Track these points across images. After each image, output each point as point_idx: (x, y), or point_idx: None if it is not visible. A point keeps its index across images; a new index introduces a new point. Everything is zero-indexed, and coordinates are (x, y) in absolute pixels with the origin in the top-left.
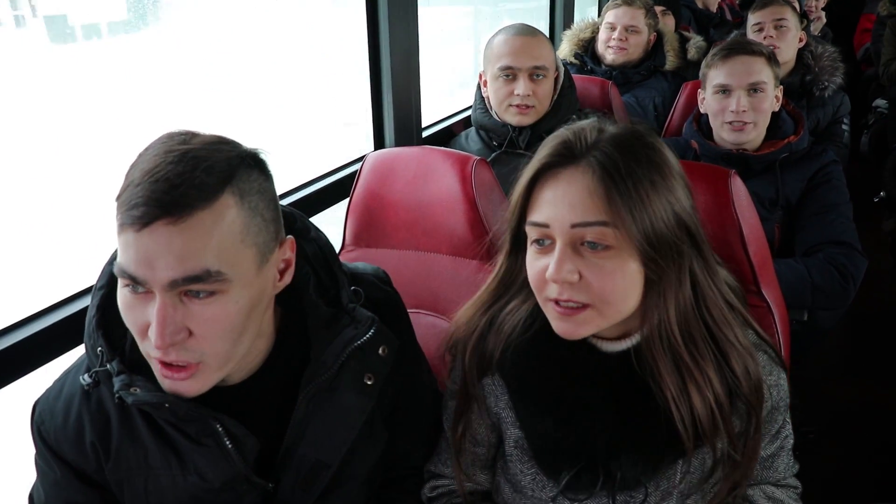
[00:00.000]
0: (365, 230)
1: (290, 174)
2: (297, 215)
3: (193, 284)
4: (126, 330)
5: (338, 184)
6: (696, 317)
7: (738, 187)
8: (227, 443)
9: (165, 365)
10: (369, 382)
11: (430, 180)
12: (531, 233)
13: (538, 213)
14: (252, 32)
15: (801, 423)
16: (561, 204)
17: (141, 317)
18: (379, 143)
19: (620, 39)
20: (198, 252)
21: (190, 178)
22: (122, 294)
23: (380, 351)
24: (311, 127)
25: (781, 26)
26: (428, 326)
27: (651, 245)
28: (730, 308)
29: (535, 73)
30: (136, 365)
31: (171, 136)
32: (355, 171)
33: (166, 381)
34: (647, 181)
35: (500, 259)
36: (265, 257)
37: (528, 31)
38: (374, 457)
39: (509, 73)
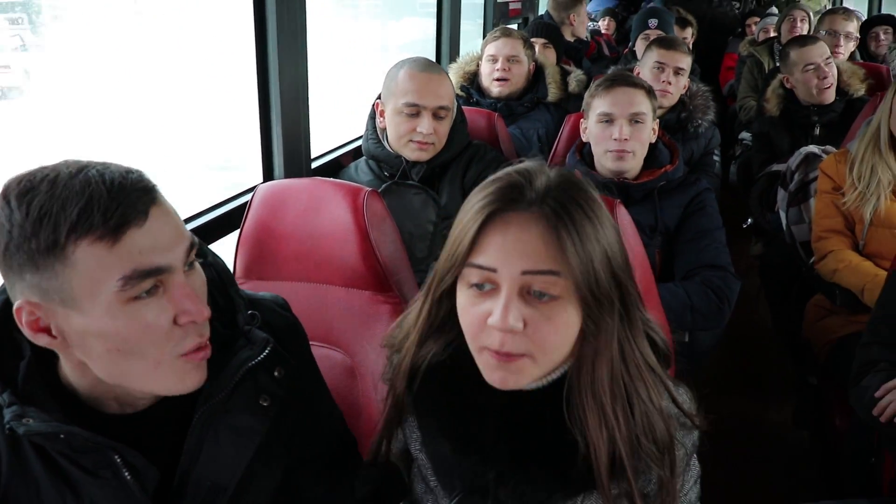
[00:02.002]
0: (256, 262)
1: None
2: (196, 241)
3: (194, 249)
4: (18, 360)
5: (227, 216)
6: (620, 368)
7: (624, 216)
8: (126, 474)
9: (195, 352)
10: (265, 404)
11: (322, 212)
12: (471, 275)
13: (484, 257)
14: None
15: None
16: (512, 250)
17: (166, 316)
18: (268, 174)
19: (503, 70)
20: (181, 222)
21: (129, 172)
22: (135, 310)
23: (275, 373)
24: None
25: (680, 73)
26: (322, 358)
27: (594, 297)
28: (647, 367)
29: (438, 113)
30: (29, 397)
31: (35, 172)
32: (245, 203)
33: (191, 374)
34: (591, 231)
35: (428, 296)
36: None
37: (433, 69)
38: (271, 486)
39: (413, 111)
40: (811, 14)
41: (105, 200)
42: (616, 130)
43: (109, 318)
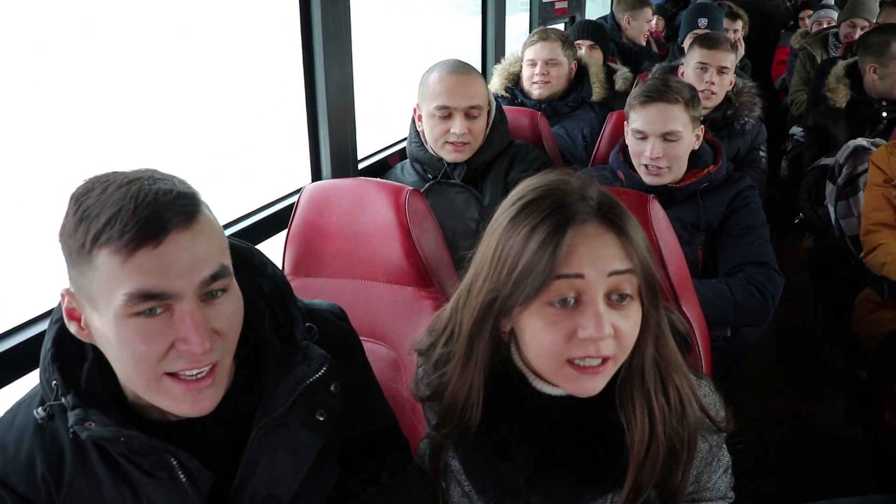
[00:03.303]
0: (304, 260)
1: None
2: (255, 251)
3: (216, 282)
4: (82, 363)
5: (276, 216)
6: (655, 354)
7: (657, 211)
8: (182, 476)
9: (186, 381)
10: (321, 419)
11: (366, 211)
12: (559, 288)
13: (570, 266)
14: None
15: (730, 435)
16: (595, 254)
17: (164, 338)
18: (316, 175)
19: (542, 74)
20: (212, 251)
21: (176, 190)
22: (136, 325)
23: (332, 388)
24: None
25: (724, 72)
26: (368, 352)
27: (651, 289)
28: (675, 356)
29: (470, 112)
30: (91, 399)
31: (113, 174)
32: (293, 203)
33: (186, 400)
34: (637, 233)
35: (475, 326)
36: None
37: (463, 70)
38: (324, 492)
39: (445, 112)
40: (873, 19)
41: (128, 216)
42: (649, 148)
43: (114, 326)
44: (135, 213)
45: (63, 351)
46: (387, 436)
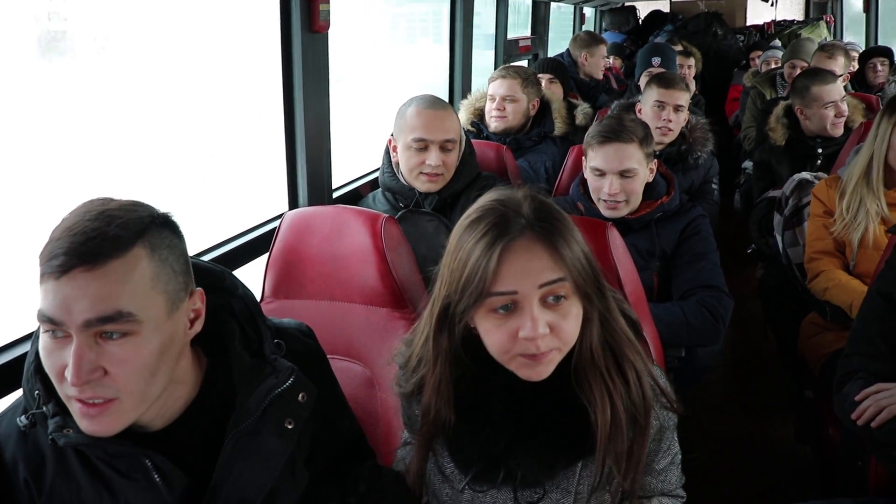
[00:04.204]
0: (283, 283)
1: None
2: (227, 273)
3: (107, 325)
4: None
5: (256, 240)
6: (604, 339)
7: (615, 237)
8: (156, 477)
9: (83, 403)
10: (289, 427)
11: (344, 236)
12: (494, 302)
13: (503, 284)
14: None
15: (684, 450)
16: (525, 270)
17: (59, 360)
18: (293, 202)
19: (499, 109)
20: (111, 296)
21: (104, 232)
22: (44, 340)
23: (299, 398)
24: None
25: (679, 109)
26: (344, 370)
27: (589, 286)
28: (626, 336)
29: (445, 145)
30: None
31: (91, 201)
32: (273, 229)
33: (84, 420)
34: (571, 237)
35: (445, 331)
36: (175, 305)
37: (439, 105)
38: (295, 496)
39: (421, 145)
40: (811, 60)
41: (57, 246)
42: (607, 185)
43: (40, 339)
44: (61, 245)
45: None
46: (358, 447)
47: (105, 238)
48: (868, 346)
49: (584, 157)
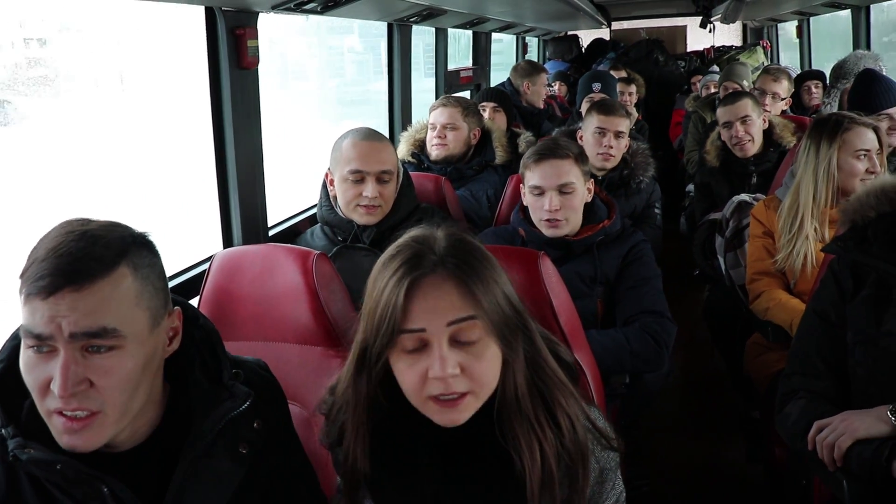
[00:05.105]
0: (216, 324)
1: None
2: (189, 306)
3: (94, 339)
4: (24, 399)
5: (186, 283)
6: (532, 383)
7: (548, 266)
8: None
9: (66, 418)
10: (243, 451)
11: (276, 275)
12: (405, 341)
13: (412, 322)
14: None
15: (634, 477)
16: (433, 308)
17: (43, 374)
18: (227, 241)
19: (439, 136)
20: (97, 313)
21: (90, 252)
22: (26, 356)
23: (255, 424)
24: None
25: (620, 136)
26: None
27: (507, 328)
28: (558, 378)
29: (381, 177)
30: (32, 432)
31: (69, 222)
32: (203, 270)
33: (65, 436)
34: (491, 276)
35: (362, 367)
36: (157, 321)
37: (375, 137)
38: None
39: (358, 176)
40: (745, 82)
41: (42, 266)
42: (547, 201)
43: (21, 355)
44: (46, 265)
45: (5, 388)
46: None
47: (91, 258)
48: (806, 365)
49: (521, 184)
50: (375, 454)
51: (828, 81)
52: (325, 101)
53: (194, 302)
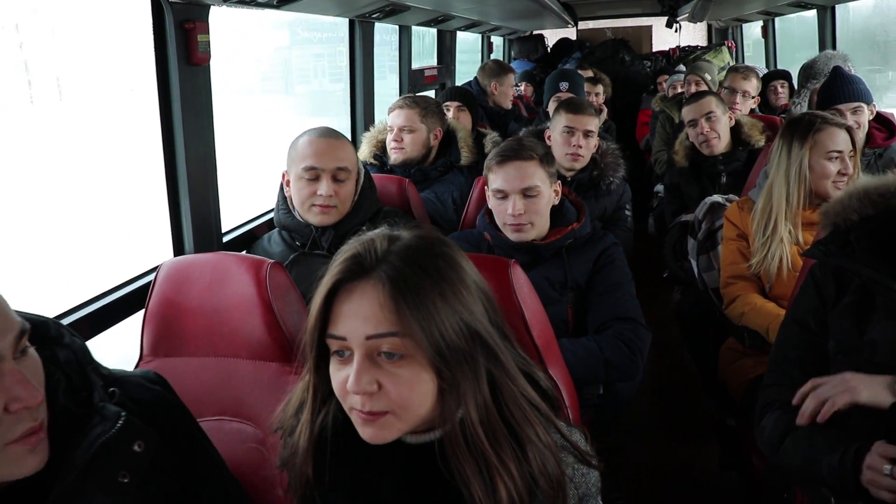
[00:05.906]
0: (163, 339)
1: None
2: (51, 322)
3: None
4: None
5: (129, 295)
6: (497, 415)
7: (519, 275)
8: None
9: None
10: (125, 481)
11: (226, 286)
12: (332, 345)
13: (336, 327)
14: None
15: (609, 491)
16: (355, 317)
17: None
18: (178, 249)
19: (396, 140)
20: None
21: None
22: None
23: (135, 447)
24: None
25: (589, 135)
26: (233, 433)
27: (441, 354)
28: (532, 407)
29: (337, 175)
30: None
31: None
32: (149, 282)
33: (28, 458)
34: (435, 293)
35: (308, 372)
36: None
37: (331, 134)
38: None
39: (313, 174)
40: (707, 76)
41: None
42: (510, 205)
43: None
44: None
45: None
46: None
47: None
48: (785, 375)
49: (486, 185)
50: (329, 468)
51: (795, 82)
52: (326, 102)
53: (139, 316)
